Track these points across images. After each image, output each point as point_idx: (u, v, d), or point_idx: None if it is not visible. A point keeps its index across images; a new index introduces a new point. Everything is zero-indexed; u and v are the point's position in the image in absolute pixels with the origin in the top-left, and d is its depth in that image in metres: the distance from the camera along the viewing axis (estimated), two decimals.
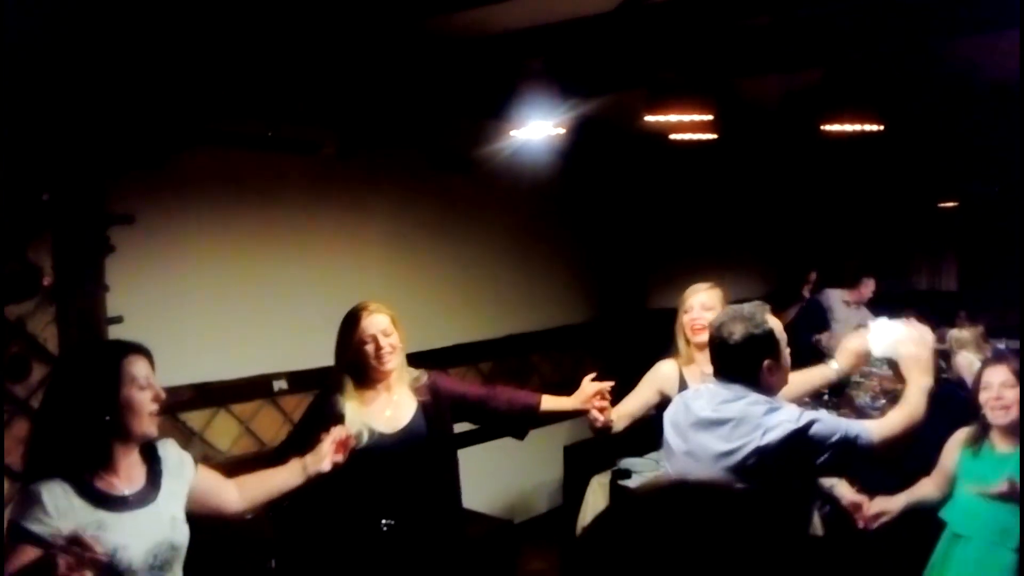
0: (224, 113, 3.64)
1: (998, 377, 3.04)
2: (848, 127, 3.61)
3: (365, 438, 2.72)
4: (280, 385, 4.16)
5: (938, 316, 3.80)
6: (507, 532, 4.62)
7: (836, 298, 6.54)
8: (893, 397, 5.10)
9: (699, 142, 4.38)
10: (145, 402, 2.06)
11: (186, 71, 3.23)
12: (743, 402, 2.45)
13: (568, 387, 6.36)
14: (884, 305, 7.35)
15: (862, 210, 8.52)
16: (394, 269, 4.77)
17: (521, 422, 3.15)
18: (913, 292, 8.67)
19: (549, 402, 3.12)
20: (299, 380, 4.22)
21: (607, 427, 3.13)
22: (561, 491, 5.65)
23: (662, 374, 3.38)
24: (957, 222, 8.37)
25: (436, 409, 2.91)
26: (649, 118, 3.36)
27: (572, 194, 5.90)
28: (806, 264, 6.93)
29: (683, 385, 3.29)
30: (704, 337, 3.18)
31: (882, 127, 3.64)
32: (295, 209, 4.25)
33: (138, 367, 2.06)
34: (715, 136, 4.16)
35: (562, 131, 3.61)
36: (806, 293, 6.59)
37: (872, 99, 3.71)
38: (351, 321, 2.84)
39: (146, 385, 2.06)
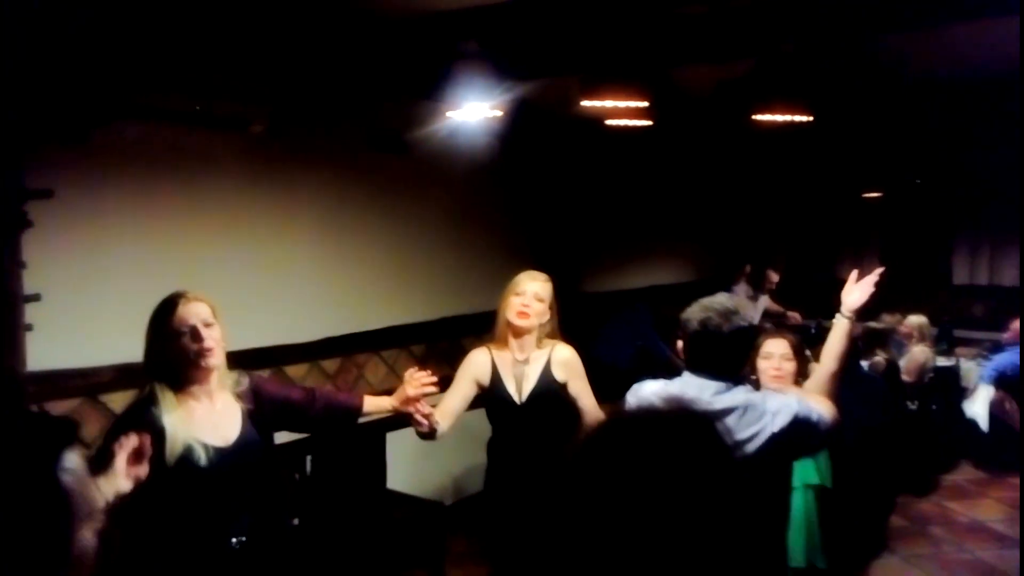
0: (150, 86, 3.52)
1: (779, 349, 3.47)
2: (778, 117, 3.68)
3: (202, 457, 2.39)
4: None
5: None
6: (436, 513, 4.63)
7: (741, 291, 6.93)
8: None
9: (634, 128, 4.42)
10: None
11: (110, 41, 3.11)
12: (739, 391, 2.51)
13: None
14: (805, 292, 7.63)
15: (790, 199, 8.73)
16: (326, 250, 4.71)
17: (343, 426, 2.98)
18: (836, 280, 8.93)
19: (371, 404, 2.93)
20: (227, 361, 4.13)
21: (431, 432, 2.99)
22: None
23: (475, 363, 3.29)
24: (881, 212, 8.63)
25: (261, 416, 2.62)
26: (585, 103, 3.38)
27: (508, 177, 5.89)
28: (742, 256, 7.18)
29: (495, 372, 3.24)
30: (526, 323, 3.19)
31: (811, 118, 3.72)
32: (223, 187, 4.16)
33: None
34: (650, 123, 4.21)
35: (499, 113, 3.60)
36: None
37: (802, 90, 3.79)
38: (164, 311, 2.45)
39: None
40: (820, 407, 2.55)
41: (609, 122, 4.33)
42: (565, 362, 3.30)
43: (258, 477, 2.58)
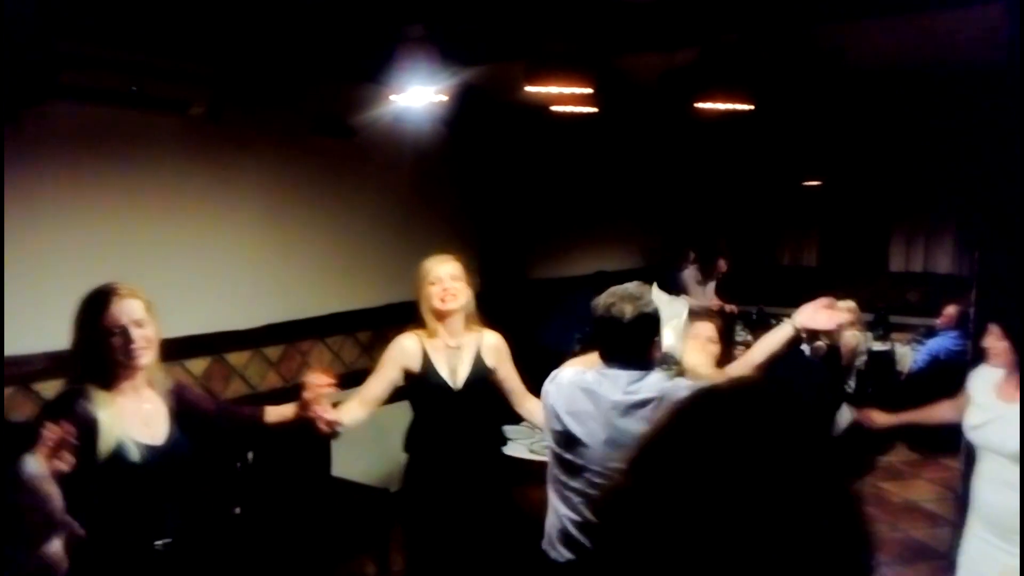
0: (83, 65, 3.42)
1: (705, 331, 3.66)
2: (720, 106, 3.72)
3: (134, 454, 2.34)
4: None
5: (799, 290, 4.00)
6: (381, 501, 4.61)
7: (690, 277, 7.00)
8: None
9: (580, 115, 4.43)
10: None
11: (39, 18, 3.01)
12: (651, 379, 2.50)
13: None
14: (746, 279, 7.76)
15: (732, 187, 8.85)
16: (269, 234, 4.64)
17: (245, 436, 2.96)
18: (777, 267, 9.11)
19: (273, 414, 2.88)
20: (166, 349, 4.05)
21: (333, 431, 2.94)
22: None
23: (405, 350, 3.24)
24: (820, 200, 8.81)
25: (183, 417, 2.56)
26: (530, 89, 3.37)
27: (455, 163, 5.86)
28: (687, 242, 7.25)
29: (426, 359, 3.21)
30: (454, 305, 3.21)
31: (753, 107, 3.77)
32: (161, 170, 4.06)
33: None
34: (595, 110, 4.22)
35: (444, 98, 3.57)
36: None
37: (744, 80, 3.83)
38: (95, 306, 2.38)
39: None
40: None
41: (554, 108, 4.34)
42: (494, 348, 3.34)
43: (186, 477, 2.53)
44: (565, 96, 3.58)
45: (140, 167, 3.96)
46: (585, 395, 2.55)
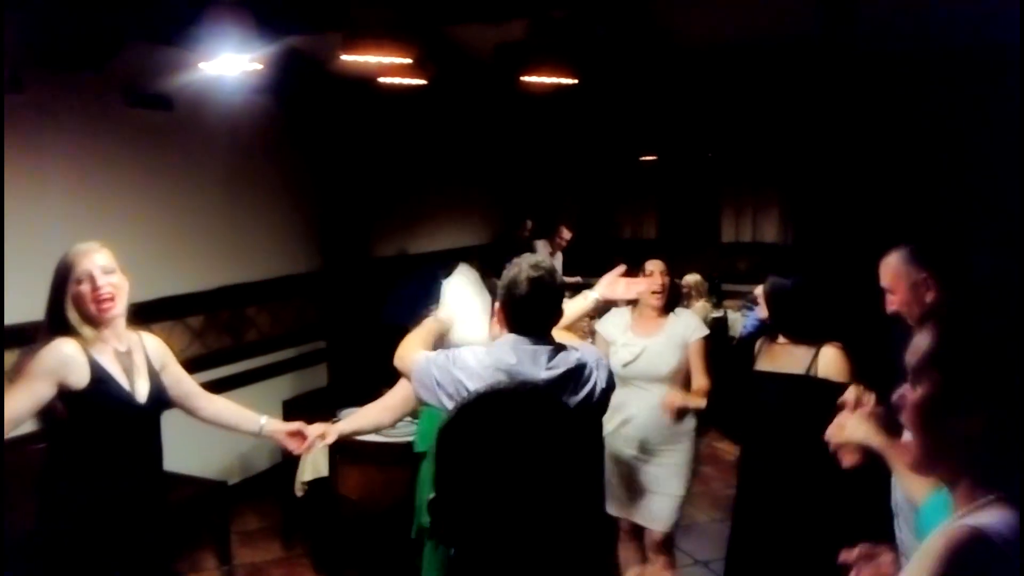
0: None
1: None
2: (548, 80, 3.75)
3: None
4: None
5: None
6: (218, 493, 4.45)
7: (541, 248, 7.16)
8: None
9: (412, 87, 4.36)
10: None
11: None
12: (570, 352, 2.53)
13: (289, 340, 6.17)
14: (588, 252, 7.95)
15: (572, 161, 9.04)
16: (81, 214, 4.32)
17: None
18: (618, 240, 9.37)
19: None
20: None
21: None
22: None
23: (65, 359, 2.53)
24: (656, 175, 9.12)
25: None
26: (346, 57, 3.27)
27: (289, 136, 5.67)
28: (521, 214, 7.35)
29: (97, 369, 2.59)
30: (118, 310, 2.68)
31: (577, 82, 3.82)
32: None
33: None
34: (423, 82, 4.16)
35: (259, 67, 3.41)
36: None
37: (573, 55, 3.88)
38: None
39: None
40: None
41: (381, 80, 4.24)
42: (158, 348, 2.90)
43: None
44: (387, 66, 3.50)
45: None
46: (506, 376, 2.42)
